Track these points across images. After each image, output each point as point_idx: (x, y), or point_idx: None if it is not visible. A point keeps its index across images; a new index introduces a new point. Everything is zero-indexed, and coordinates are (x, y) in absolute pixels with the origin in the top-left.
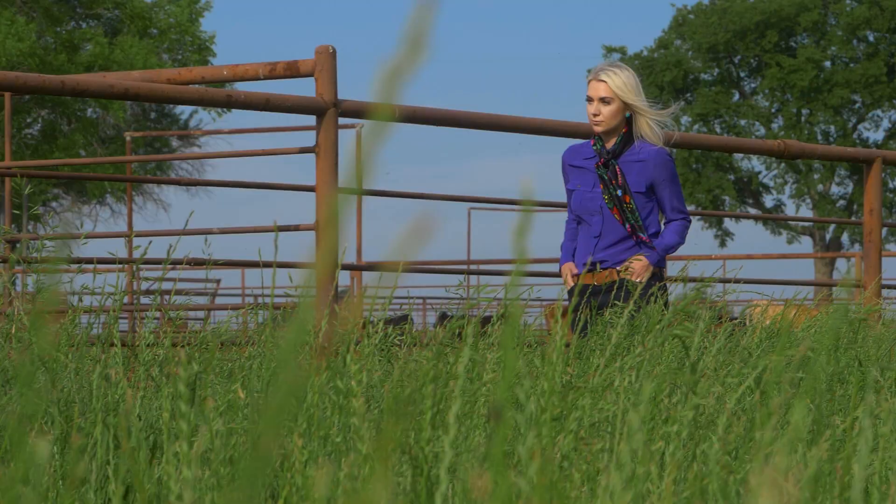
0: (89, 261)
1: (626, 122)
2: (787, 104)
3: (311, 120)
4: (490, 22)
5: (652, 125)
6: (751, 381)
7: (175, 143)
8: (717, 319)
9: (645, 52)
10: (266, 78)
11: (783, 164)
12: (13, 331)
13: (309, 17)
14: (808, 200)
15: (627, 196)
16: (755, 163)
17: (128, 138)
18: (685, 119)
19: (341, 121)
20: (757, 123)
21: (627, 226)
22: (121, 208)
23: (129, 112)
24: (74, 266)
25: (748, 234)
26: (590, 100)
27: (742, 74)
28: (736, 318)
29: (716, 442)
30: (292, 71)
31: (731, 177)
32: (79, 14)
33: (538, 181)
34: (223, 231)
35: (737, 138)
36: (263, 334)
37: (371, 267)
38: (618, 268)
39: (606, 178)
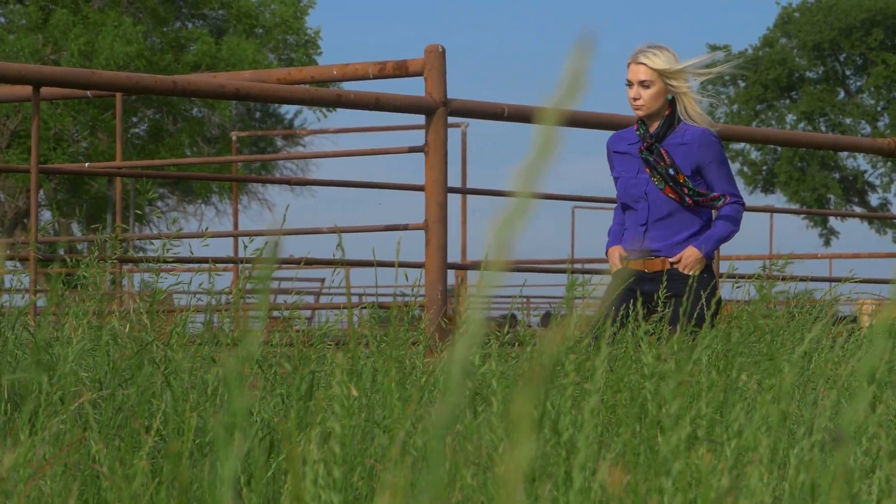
0: (204, 260)
1: (669, 104)
2: (893, 102)
3: (416, 119)
4: (600, 19)
5: (696, 105)
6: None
7: (280, 142)
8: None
9: (750, 51)
10: (375, 77)
11: (889, 163)
12: (127, 329)
13: (411, 12)
14: None
15: (681, 175)
16: (861, 161)
17: (234, 138)
18: (790, 117)
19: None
20: (863, 122)
21: (689, 199)
22: (226, 207)
23: (234, 112)
24: (177, 266)
25: (853, 232)
26: (629, 84)
27: (847, 72)
28: (846, 317)
29: None
30: (402, 70)
31: (837, 175)
32: (184, 14)
33: None
34: (332, 230)
35: (837, 135)
36: (376, 334)
37: (477, 266)
38: (671, 259)
39: (652, 160)
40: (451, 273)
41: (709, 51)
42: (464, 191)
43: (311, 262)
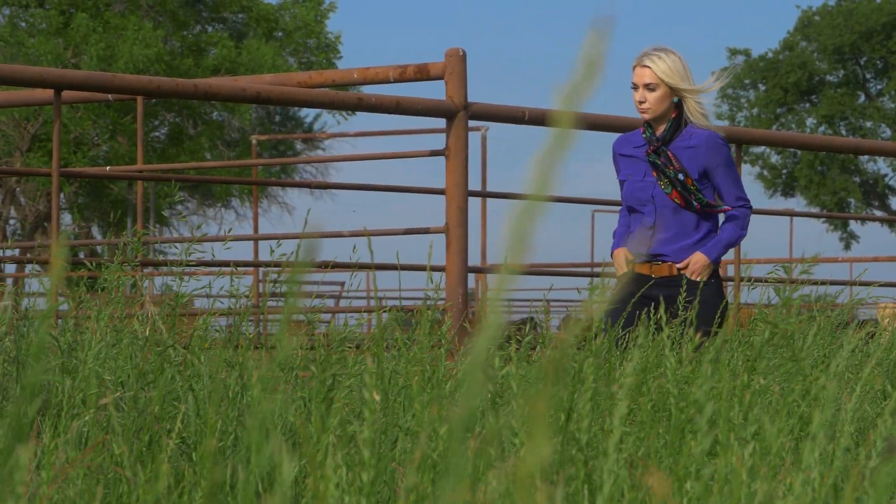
0: (225, 263)
1: (676, 107)
2: None
3: (434, 122)
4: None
5: (699, 109)
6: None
7: (299, 146)
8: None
9: (770, 54)
10: (396, 81)
11: None
12: (147, 332)
13: (431, 16)
14: None
15: (689, 179)
16: (881, 165)
17: (253, 141)
18: (810, 121)
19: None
20: (883, 125)
21: (696, 205)
22: (245, 211)
23: (253, 115)
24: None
25: (874, 236)
26: (635, 87)
27: (868, 76)
28: (867, 321)
29: None
30: (423, 74)
31: (857, 179)
32: (205, 18)
33: None
34: (360, 233)
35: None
36: (398, 337)
37: (496, 269)
38: (678, 265)
39: (660, 164)
40: (470, 276)
41: (729, 55)
42: (484, 194)
43: (332, 266)
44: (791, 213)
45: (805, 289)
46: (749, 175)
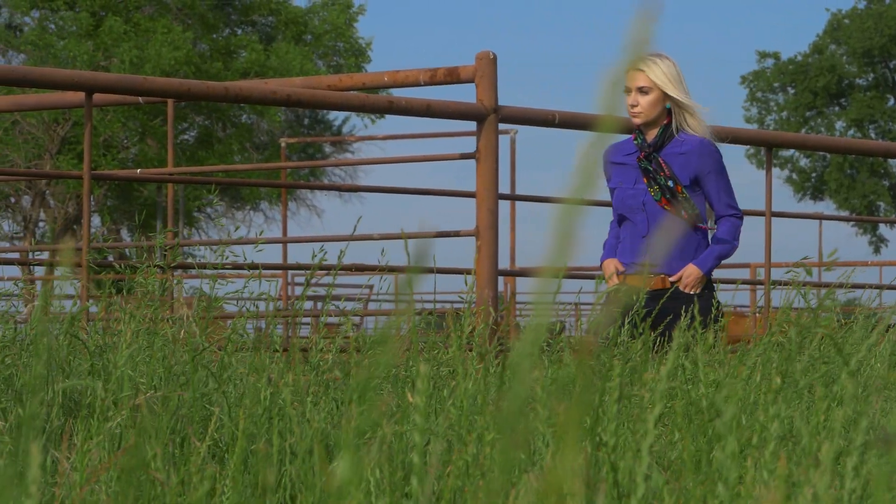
0: (254, 266)
1: (668, 113)
2: None
3: (463, 125)
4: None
5: (695, 115)
6: None
7: (328, 149)
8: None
9: (799, 58)
10: (426, 84)
11: None
12: (182, 335)
13: (459, 19)
14: None
15: (679, 186)
16: None
17: (283, 144)
18: (840, 124)
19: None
20: None
21: (683, 213)
22: (274, 214)
23: (282, 118)
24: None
25: None
26: (627, 90)
27: None
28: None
29: None
30: (453, 77)
31: (886, 182)
32: (234, 21)
33: None
34: (384, 237)
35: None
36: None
37: (525, 272)
38: (671, 278)
39: (651, 170)
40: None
41: (758, 58)
42: (513, 197)
43: (361, 269)
44: (820, 217)
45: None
46: (778, 179)
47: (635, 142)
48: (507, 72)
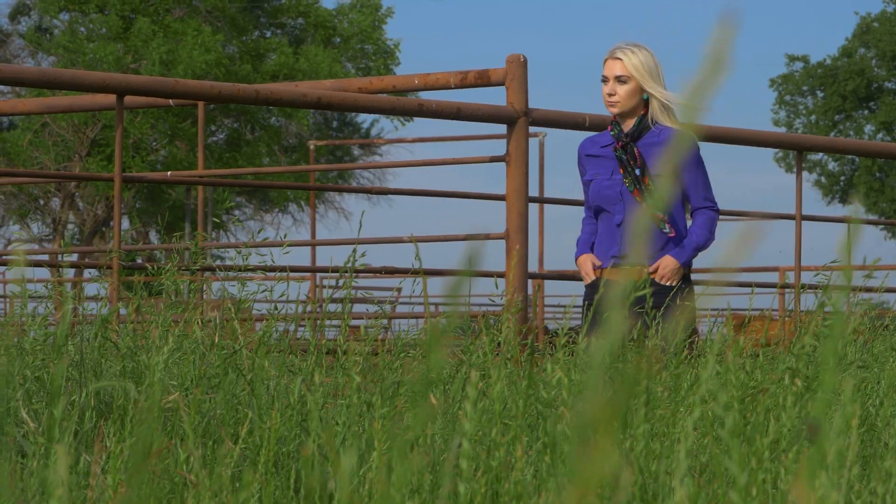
0: (284, 269)
1: (645, 103)
2: None
3: (492, 128)
4: (673, 26)
5: (666, 107)
6: None
7: (357, 151)
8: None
9: (828, 61)
10: (457, 87)
11: None
12: (216, 339)
13: (487, 21)
14: None
15: (646, 178)
16: None
17: (311, 147)
18: (869, 127)
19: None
20: None
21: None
22: (303, 217)
23: (311, 121)
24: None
25: None
26: (605, 79)
27: None
28: None
29: None
30: (483, 80)
31: None
32: (263, 23)
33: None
34: (414, 240)
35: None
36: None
37: (555, 276)
38: (649, 268)
39: (625, 159)
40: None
41: (787, 61)
42: (542, 200)
43: (391, 272)
44: (849, 220)
45: (863, 296)
46: (806, 182)
47: (612, 132)
48: (536, 74)
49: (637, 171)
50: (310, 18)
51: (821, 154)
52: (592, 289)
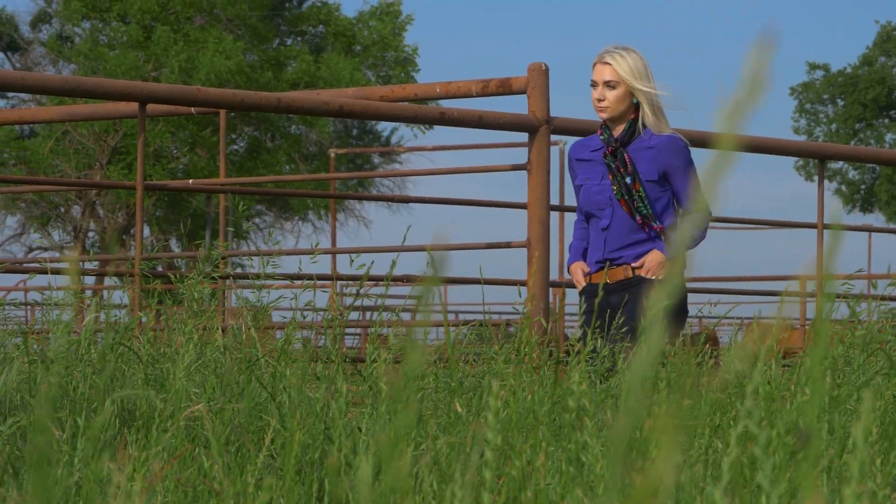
0: (306, 277)
1: (635, 108)
2: None
3: (513, 136)
4: (689, 37)
5: (657, 112)
6: None
7: (377, 159)
8: None
9: (849, 69)
10: (478, 95)
11: None
12: (237, 345)
13: (507, 28)
14: None
15: (637, 184)
16: None
17: (332, 155)
18: (889, 136)
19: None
20: None
21: (638, 217)
22: (323, 225)
23: (331, 129)
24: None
25: None
26: (594, 84)
27: None
28: None
29: None
30: (505, 88)
31: None
32: (284, 31)
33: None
34: (435, 248)
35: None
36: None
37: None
38: (633, 264)
39: (614, 166)
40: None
41: (808, 70)
42: (562, 208)
43: (412, 280)
44: (870, 229)
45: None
46: (827, 190)
47: (601, 137)
48: (556, 79)
49: (627, 179)
50: (330, 27)
51: (841, 163)
52: (585, 295)
